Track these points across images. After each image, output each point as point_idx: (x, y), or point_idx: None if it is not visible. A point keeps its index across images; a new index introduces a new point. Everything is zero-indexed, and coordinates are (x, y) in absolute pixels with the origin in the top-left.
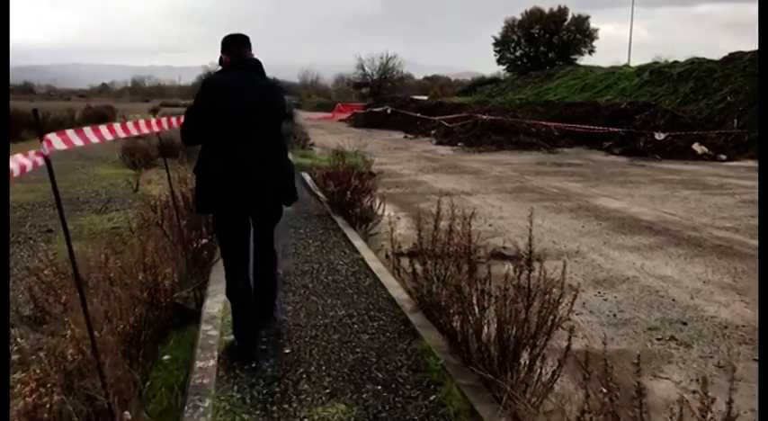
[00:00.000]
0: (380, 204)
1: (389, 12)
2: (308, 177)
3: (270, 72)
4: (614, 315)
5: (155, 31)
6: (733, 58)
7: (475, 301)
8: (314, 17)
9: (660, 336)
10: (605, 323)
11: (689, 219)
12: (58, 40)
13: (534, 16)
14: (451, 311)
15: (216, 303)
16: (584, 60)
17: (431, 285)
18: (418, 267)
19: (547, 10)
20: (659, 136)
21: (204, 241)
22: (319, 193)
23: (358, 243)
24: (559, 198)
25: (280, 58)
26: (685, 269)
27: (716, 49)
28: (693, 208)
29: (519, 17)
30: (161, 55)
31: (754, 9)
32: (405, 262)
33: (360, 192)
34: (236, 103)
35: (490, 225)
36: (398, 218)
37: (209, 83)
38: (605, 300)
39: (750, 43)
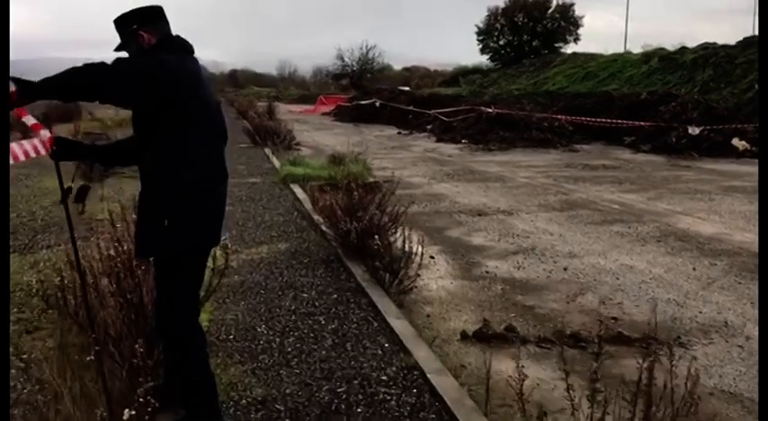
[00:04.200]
0: (417, 243)
1: (362, 2)
2: (300, 192)
3: (249, 66)
4: None
5: None
6: (752, 41)
7: None
8: (286, 9)
9: None
10: None
11: None
12: (26, 32)
13: (518, 4)
14: None
15: None
16: (570, 49)
17: None
18: None
19: None
20: (694, 130)
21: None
22: (324, 227)
23: (399, 325)
24: (628, 218)
25: (256, 51)
26: None
27: (703, 36)
28: None
29: (502, 5)
30: None
31: None
32: (496, 366)
33: (386, 228)
34: (207, 98)
35: (564, 268)
36: (432, 257)
37: (169, 64)
38: None
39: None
